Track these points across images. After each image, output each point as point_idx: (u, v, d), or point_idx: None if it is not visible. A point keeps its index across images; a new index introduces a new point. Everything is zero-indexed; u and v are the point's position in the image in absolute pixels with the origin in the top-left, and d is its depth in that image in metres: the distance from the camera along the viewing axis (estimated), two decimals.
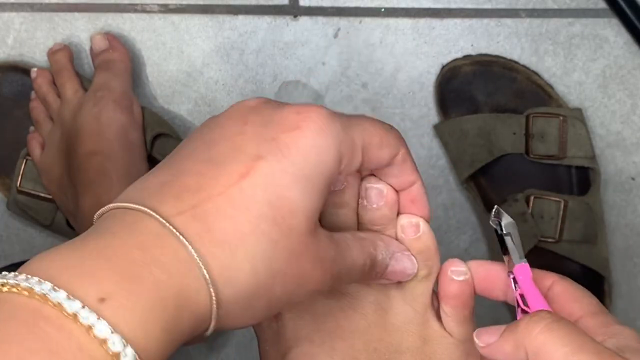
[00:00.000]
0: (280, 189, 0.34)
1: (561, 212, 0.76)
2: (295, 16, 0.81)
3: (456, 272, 0.43)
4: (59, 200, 0.77)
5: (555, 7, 0.80)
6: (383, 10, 0.81)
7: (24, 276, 0.30)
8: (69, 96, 0.77)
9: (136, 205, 0.33)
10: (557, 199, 0.76)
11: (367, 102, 0.81)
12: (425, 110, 0.81)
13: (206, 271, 0.32)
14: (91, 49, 0.79)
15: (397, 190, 0.42)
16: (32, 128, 0.80)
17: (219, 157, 0.35)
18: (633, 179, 0.81)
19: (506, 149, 0.77)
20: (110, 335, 0.29)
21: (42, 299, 0.29)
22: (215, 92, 0.82)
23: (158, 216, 0.33)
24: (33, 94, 0.80)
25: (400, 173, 0.41)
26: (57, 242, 0.81)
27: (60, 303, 0.29)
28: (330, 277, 0.37)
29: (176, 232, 0.32)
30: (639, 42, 0.79)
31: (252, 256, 0.33)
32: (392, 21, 0.81)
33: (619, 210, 0.81)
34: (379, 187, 0.42)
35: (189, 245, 0.32)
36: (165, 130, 0.79)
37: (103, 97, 0.74)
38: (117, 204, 0.34)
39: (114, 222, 0.33)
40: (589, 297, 0.39)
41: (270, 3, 0.81)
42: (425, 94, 0.81)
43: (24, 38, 0.82)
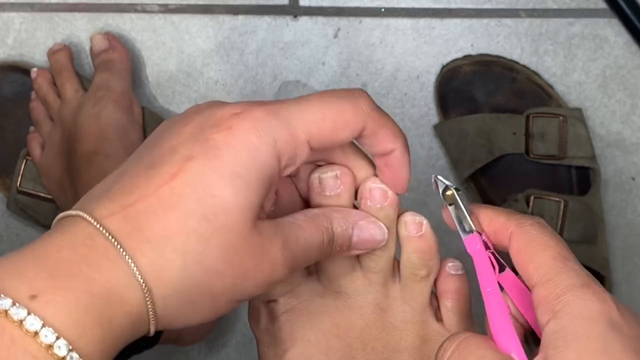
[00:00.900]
0: (211, 188, 0.35)
1: (561, 212, 0.76)
2: (295, 16, 0.81)
3: (453, 267, 0.44)
4: (59, 200, 0.77)
5: (555, 7, 0.80)
6: (383, 10, 0.81)
7: None
8: (69, 96, 0.77)
9: (75, 210, 0.35)
10: (557, 199, 0.76)
11: None
12: (425, 110, 0.81)
13: (135, 266, 0.34)
14: (91, 49, 0.79)
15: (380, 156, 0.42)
16: (32, 128, 0.80)
17: (156, 159, 0.36)
18: (633, 179, 0.81)
19: (506, 149, 0.77)
20: (41, 329, 0.31)
21: None
22: (215, 92, 0.82)
23: (90, 218, 0.34)
24: (33, 94, 0.80)
25: (373, 143, 0.40)
26: None
27: None
28: (283, 265, 0.37)
29: (104, 231, 0.34)
30: (639, 42, 0.79)
31: (182, 252, 0.34)
32: (392, 21, 0.81)
33: (619, 210, 0.81)
34: (384, 188, 0.42)
35: (116, 243, 0.34)
36: None
37: (103, 97, 0.74)
38: (64, 212, 0.36)
39: (54, 228, 0.36)
40: (543, 252, 0.37)
41: (270, 3, 0.81)
42: (425, 94, 0.81)
43: (24, 38, 0.82)
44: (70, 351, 0.31)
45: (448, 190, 0.41)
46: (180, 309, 0.35)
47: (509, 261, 0.39)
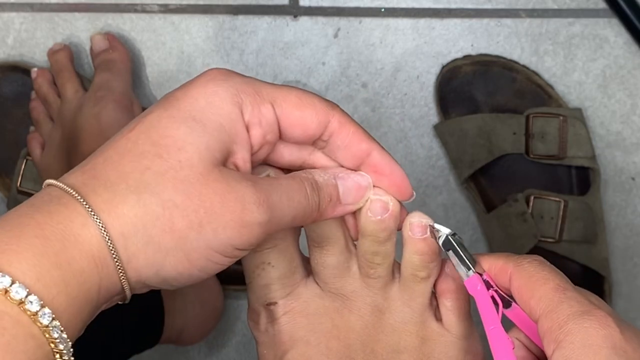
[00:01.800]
0: (164, 130, 0.36)
1: (561, 212, 0.76)
2: (295, 16, 0.81)
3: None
4: None
5: (555, 7, 0.80)
6: (383, 10, 0.81)
7: None
8: (69, 96, 0.77)
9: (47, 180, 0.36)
10: (557, 199, 0.76)
11: (367, 102, 0.81)
12: (425, 110, 0.81)
13: (87, 204, 0.34)
14: (91, 49, 0.79)
15: (369, 169, 0.41)
16: (32, 128, 0.80)
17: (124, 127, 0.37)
18: (633, 179, 0.81)
19: (506, 149, 0.77)
20: None
21: None
22: None
23: (54, 181, 0.35)
24: (33, 94, 0.80)
25: (345, 142, 0.40)
26: None
27: None
28: (256, 204, 0.36)
29: (61, 184, 0.35)
30: (639, 42, 0.79)
31: (136, 188, 0.34)
32: (392, 21, 0.81)
33: (619, 210, 0.81)
34: (384, 200, 0.41)
35: (70, 189, 0.34)
36: None
37: (103, 97, 0.74)
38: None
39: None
40: (544, 286, 0.38)
41: (270, 3, 0.81)
42: (425, 94, 0.81)
43: (24, 38, 0.82)
44: (28, 294, 0.31)
45: (444, 237, 0.42)
46: (146, 251, 0.35)
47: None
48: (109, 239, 0.34)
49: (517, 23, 0.80)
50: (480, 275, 0.40)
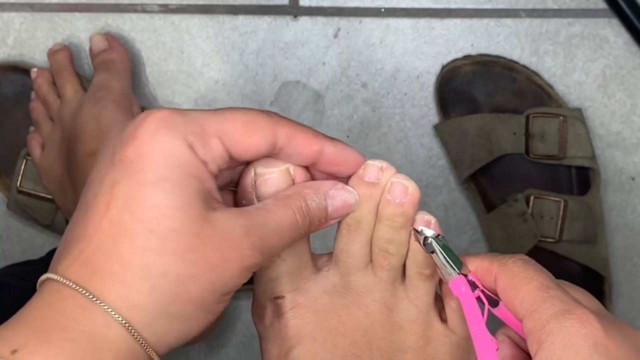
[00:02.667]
0: (143, 201, 0.35)
1: (561, 212, 0.76)
2: (295, 16, 0.81)
3: None
4: (59, 200, 0.77)
5: (555, 7, 0.80)
6: (383, 10, 0.81)
7: None
8: (69, 96, 0.77)
9: (45, 275, 0.36)
10: (557, 199, 0.76)
11: (367, 102, 0.81)
12: (425, 110, 0.81)
13: (105, 305, 0.35)
14: (90, 49, 0.79)
15: (321, 170, 0.42)
16: (32, 128, 0.80)
17: (90, 199, 0.37)
18: (633, 179, 0.81)
19: (506, 149, 0.77)
20: None
21: None
22: (215, 92, 0.82)
23: (55, 276, 0.35)
24: (33, 94, 0.80)
25: (297, 150, 0.40)
26: (57, 242, 0.81)
27: None
28: (251, 250, 0.37)
29: (68, 282, 0.35)
30: (639, 42, 0.79)
31: (144, 274, 0.35)
32: (392, 21, 0.81)
33: (619, 210, 0.81)
34: (405, 184, 0.42)
35: (80, 289, 0.35)
36: None
37: (103, 97, 0.74)
38: (39, 279, 0.37)
39: (34, 295, 0.37)
40: (527, 285, 0.37)
41: (270, 3, 0.81)
42: (425, 94, 0.81)
43: (24, 38, 0.82)
44: None
45: (427, 240, 0.42)
46: (170, 326, 0.36)
47: None
48: (135, 332, 0.35)
49: (517, 23, 0.80)
50: (465, 276, 0.40)
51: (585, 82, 0.80)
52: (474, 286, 0.40)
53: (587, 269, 0.77)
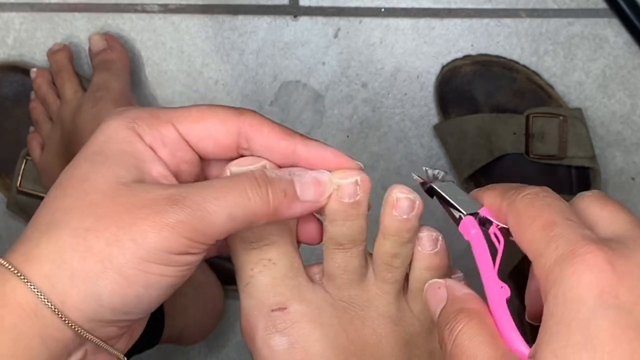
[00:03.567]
0: (71, 172, 0.37)
1: None
2: (295, 16, 0.81)
3: (457, 279, 0.42)
4: None
5: (555, 7, 0.80)
6: (383, 10, 0.81)
7: None
8: (69, 96, 0.77)
9: None
10: None
11: (367, 102, 0.81)
12: (425, 110, 0.81)
13: (5, 262, 0.34)
14: (89, 49, 0.79)
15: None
16: (32, 128, 0.80)
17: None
18: (633, 179, 0.81)
19: (506, 149, 0.77)
20: None
21: None
22: (215, 92, 0.82)
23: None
24: (33, 94, 0.80)
25: (264, 144, 0.38)
26: None
27: None
28: (170, 203, 0.34)
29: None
30: (639, 42, 0.79)
31: (46, 230, 0.35)
32: (392, 21, 0.81)
33: None
34: (412, 198, 0.39)
35: (4, 261, 0.34)
36: None
37: (102, 97, 0.74)
38: None
39: None
40: (531, 226, 0.33)
41: (270, 3, 0.81)
42: (425, 94, 0.81)
43: (24, 38, 0.82)
44: None
45: (426, 185, 0.39)
46: (75, 284, 0.34)
47: None
48: (30, 283, 0.33)
49: (517, 23, 0.80)
50: (476, 215, 0.36)
51: (585, 82, 0.80)
52: (488, 223, 0.36)
53: None
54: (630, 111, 0.81)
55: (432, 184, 0.39)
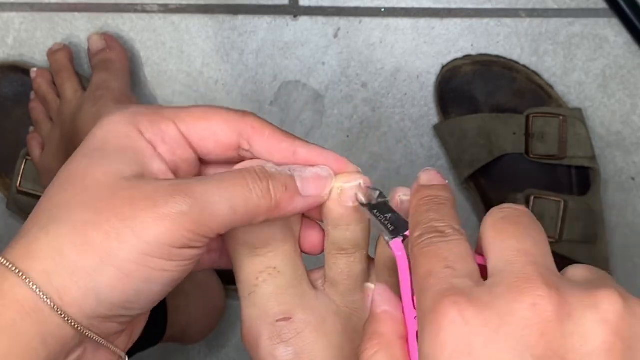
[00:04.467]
0: (70, 168, 0.36)
1: (561, 212, 0.76)
2: (295, 16, 0.81)
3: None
4: None
5: (555, 7, 0.80)
6: (383, 10, 0.81)
7: None
8: (69, 96, 0.77)
9: None
10: (557, 199, 0.76)
11: (367, 102, 0.81)
12: (425, 110, 0.81)
13: (3, 260, 0.34)
14: (88, 49, 0.79)
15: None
16: (32, 128, 0.80)
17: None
18: (633, 179, 0.81)
19: (506, 149, 0.77)
20: None
21: None
22: (215, 92, 0.82)
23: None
24: (33, 94, 0.80)
25: (265, 146, 0.38)
26: None
27: None
28: (171, 194, 0.34)
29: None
30: (639, 42, 0.79)
31: (45, 224, 0.34)
32: (392, 21, 0.81)
33: (619, 210, 0.81)
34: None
35: (2, 259, 0.34)
36: None
37: (102, 97, 0.74)
38: None
39: None
40: (416, 270, 0.32)
41: (270, 3, 0.81)
42: (425, 94, 0.81)
43: (24, 38, 0.82)
44: None
45: (364, 205, 0.38)
46: (74, 279, 0.33)
47: None
48: (28, 280, 0.33)
49: (517, 23, 0.80)
50: (404, 238, 0.36)
51: (585, 82, 0.80)
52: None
53: None
54: (630, 111, 0.81)
55: (364, 206, 0.38)
